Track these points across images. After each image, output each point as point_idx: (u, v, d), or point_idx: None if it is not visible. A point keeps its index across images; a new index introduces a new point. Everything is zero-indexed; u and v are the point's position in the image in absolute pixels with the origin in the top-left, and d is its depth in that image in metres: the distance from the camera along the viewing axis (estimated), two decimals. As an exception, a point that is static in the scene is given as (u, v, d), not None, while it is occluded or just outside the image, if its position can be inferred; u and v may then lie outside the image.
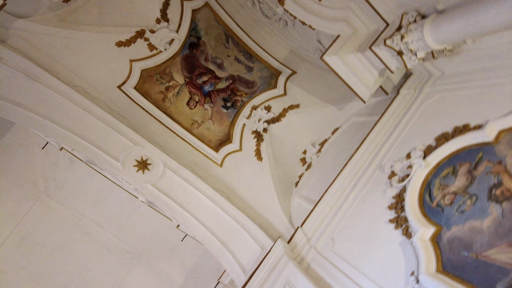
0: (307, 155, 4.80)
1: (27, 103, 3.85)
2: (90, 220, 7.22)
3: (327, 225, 3.40)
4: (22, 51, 3.82)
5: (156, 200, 4.29)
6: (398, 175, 3.09)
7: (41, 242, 7.17)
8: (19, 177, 6.77)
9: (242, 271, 3.88)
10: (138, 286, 7.57)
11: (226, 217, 4.21)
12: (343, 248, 3.16)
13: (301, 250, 3.46)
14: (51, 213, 7.10)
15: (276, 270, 3.38)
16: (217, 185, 4.39)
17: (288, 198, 4.44)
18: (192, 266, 7.39)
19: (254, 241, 3.92)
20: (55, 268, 7.29)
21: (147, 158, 4.12)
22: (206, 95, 4.62)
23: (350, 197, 3.39)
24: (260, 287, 3.44)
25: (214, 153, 4.58)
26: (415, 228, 2.59)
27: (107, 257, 7.44)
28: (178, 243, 7.17)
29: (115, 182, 5.72)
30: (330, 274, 3.05)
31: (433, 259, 2.35)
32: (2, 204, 6.81)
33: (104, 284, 7.50)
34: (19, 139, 6.54)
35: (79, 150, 4.08)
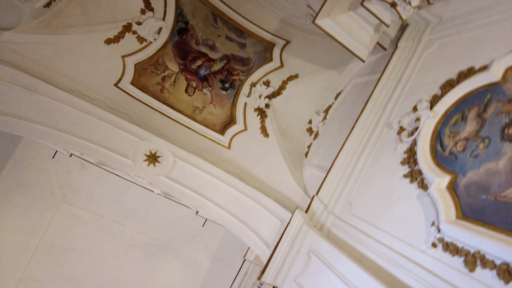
0: (313, 124, 4.77)
1: (29, 115, 3.86)
2: (111, 220, 7.40)
3: (342, 190, 3.42)
4: (14, 64, 3.80)
5: (171, 190, 4.35)
6: (406, 129, 3.06)
7: (69, 248, 7.40)
8: (36, 189, 6.91)
9: (265, 245, 3.96)
10: (167, 276, 7.81)
11: (242, 197, 4.26)
12: (361, 209, 3.18)
13: (320, 217, 3.50)
14: (73, 218, 7.28)
15: (298, 240, 3.44)
16: (228, 167, 4.42)
17: (300, 170, 4.45)
18: (216, 248, 7.57)
19: (272, 215, 3.98)
20: (86, 270, 7.55)
21: (156, 151, 4.14)
22: (203, 79, 4.57)
23: (362, 159, 3.39)
24: (285, 258, 3.51)
25: (220, 137, 4.58)
26: (430, 179, 2.58)
27: (133, 252, 7.66)
28: (200, 229, 7.32)
29: (128, 179, 5.80)
30: (352, 236, 3.09)
31: (452, 207, 2.35)
32: (26, 217, 7.00)
33: (135, 279, 7.76)
34: (29, 152, 6.62)
35: (88, 153, 4.12)
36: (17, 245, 7.09)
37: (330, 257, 3.00)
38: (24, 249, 7.16)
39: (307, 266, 3.23)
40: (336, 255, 2.94)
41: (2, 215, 6.81)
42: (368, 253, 2.89)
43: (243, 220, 4.29)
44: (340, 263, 2.86)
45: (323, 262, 3.04)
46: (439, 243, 2.32)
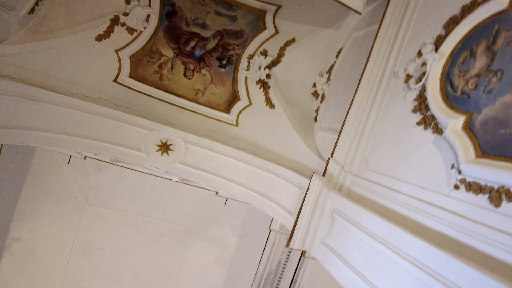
0: (318, 87, 4.69)
1: (38, 124, 3.91)
2: (135, 213, 7.60)
3: (357, 147, 3.41)
4: (12, 77, 3.81)
5: (188, 175, 4.41)
6: (414, 76, 2.98)
7: (101, 246, 7.69)
8: (59, 196, 7.10)
9: (288, 214, 4.02)
10: (199, 258, 8.08)
11: (258, 171, 4.29)
12: (378, 164, 3.18)
13: (338, 178, 3.52)
14: (99, 218, 7.51)
15: (320, 203, 3.48)
16: (240, 144, 4.43)
17: (311, 135, 4.43)
18: (241, 224, 7.75)
19: (291, 184, 4.01)
20: (121, 264, 7.87)
21: (167, 140, 4.17)
22: (200, 60, 4.50)
23: (372, 113, 3.34)
24: (309, 223, 3.57)
25: (226, 115, 4.56)
26: (444, 122, 2.54)
27: (162, 241, 7.91)
28: (222, 208, 7.47)
29: (145, 172, 5.89)
30: (372, 192, 3.10)
31: (470, 146, 2.32)
32: (55, 224, 7.25)
33: (168, 265, 8.06)
34: (45, 161, 6.76)
35: (101, 152, 4.17)
36: (53, 250, 7.40)
37: (353, 215, 3.03)
38: (60, 254, 7.47)
39: (332, 227, 3.28)
40: (359, 211, 2.97)
41: (34, 225, 7.07)
42: (391, 205, 2.92)
43: (263, 193, 4.35)
44: (365, 219, 2.89)
45: (348, 220, 3.08)
46: (461, 185, 2.31)
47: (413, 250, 2.37)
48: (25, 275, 7.30)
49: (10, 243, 7.00)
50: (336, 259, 3.10)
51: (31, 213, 6.98)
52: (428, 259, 2.21)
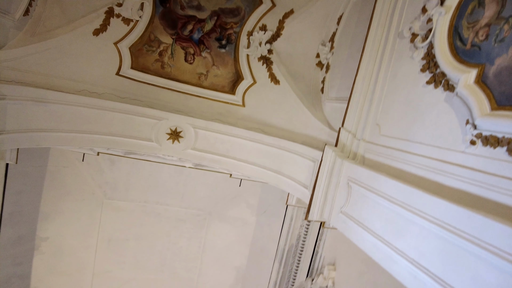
0: (321, 57, 4.60)
1: (48, 125, 3.96)
2: (154, 203, 7.76)
3: (367, 114, 3.37)
4: (17, 81, 3.83)
5: (201, 160, 4.45)
6: (419, 34, 2.89)
7: (125, 237, 7.92)
8: (78, 194, 7.28)
9: (304, 188, 4.05)
10: (220, 239, 8.27)
11: (269, 149, 4.30)
12: (390, 128, 3.14)
13: (351, 146, 3.51)
14: (119, 211, 7.70)
15: (335, 174, 3.49)
16: (248, 124, 4.43)
17: (319, 107, 4.39)
18: (258, 203, 7.86)
19: (303, 158, 4.02)
20: (146, 252, 8.11)
21: (176, 127, 4.19)
22: (199, 43, 4.44)
23: (380, 77, 3.28)
24: (326, 194, 3.60)
25: (232, 97, 4.54)
26: (455, 78, 2.48)
27: (183, 226, 8.10)
28: (237, 189, 7.56)
29: (159, 161, 5.96)
30: (387, 156, 3.09)
31: (485, 100, 2.27)
32: (78, 221, 7.47)
33: (192, 249, 8.29)
34: (60, 162, 6.89)
35: (113, 146, 4.23)
36: (80, 246, 7.66)
37: (370, 181, 3.04)
38: (87, 248, 7.74)
39: (350, 195, 3.30)
40: (375, 177, 2.97)
41: (58, 224, 7.29)
42: (407, 168, 2.90)
43: (277, 170, 4.37)
44: (381, 184, 2.89)
45: (364, 187, 3.09)
46: (478, 139, 2.28)
47: (433, 209, 2.37)
48: (57, 272, 7.61)
49: (39, 243, 7.26)
50: (356, 226, 3.13)
51: (54, 213, 7.19)
52: (449, 217, 2.21)
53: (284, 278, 7.13)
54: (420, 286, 2.42)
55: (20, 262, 7.06)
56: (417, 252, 2.48)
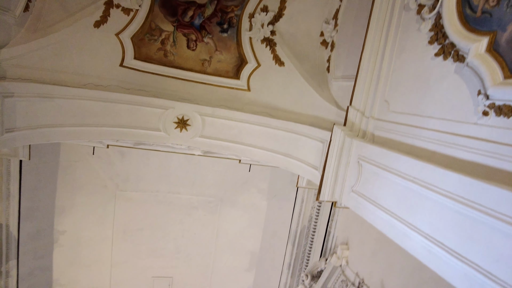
0: (325, 35, 4.50)
1: (57, 120, 3.99)
2: (166, 192, 7.86)
3: (375, 91, 3.32)
4: (24, 78, 3.85)
5: (210, 147, 4.46)
6: (426, 5, 2.81)
7: (139, 227, 8.07)
8: (91, 187, 7.40)
9: (314, 169, 4.05)
10: (233, 224, 8.38)
11: (277, 132, 4.29)
12: (399, 104, 3.10)
13: (360, 125, 3.47)
14: (132, 202, 7.83)
15: (344, 153, 3.47)
16: (255, 109, 4.40)
17: (326, 87, 4.34)
18: (268, 187, 7.90)
19: (312, 139, 4.00)
20: (161, 241, 8.27)
21: (183, 116, 4.19)
22: (200, 28, 4.38)
23: (386, 53, 3.21)
24: (336, 174, 3.59)
25: (237, 81, 4.49)
26: (466, 47, 2.42)
27: (196, 214, 8.21)
28: (247, 174, 7.60)
29: (168, 150, 6.00)
30: (397, 133, 3.06)
31: (497, 68, 2.21)
32: (93, 214, 7.62)
33: (205, 235, 8.42)
34: (71, 157, 6.98)
35: (122, 138, 4.26)
36: (97, 238, 7.84)
37: (380, 159, 3.02)
38: (104, 240, 7.92)
39: (360, 174, 3.29)
40: (386, 154, 2.95)
41: (74, 217, 7.46)
42: (417, 143, 2.87)
43: (285, 153, 4.37)
44: (392, 160, 2.87)
45: (375, 165, 3.07)
46: (490, 110, 2.23)
47: (446, 183, 2.36)
48: (77, 264, 7.83)
49: (58, 236, 7.46)
50: (368, 204, 3.13)
51: (69, 206, 7.34)
52: (463, 190, 2.20)
53: (298, 259, 7.23)
54: (435, 260, 2.43)
55: (41, 255, 7.28)
56: (431, 227, 2.47)
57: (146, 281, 8.49)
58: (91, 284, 8.12)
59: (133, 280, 8.41)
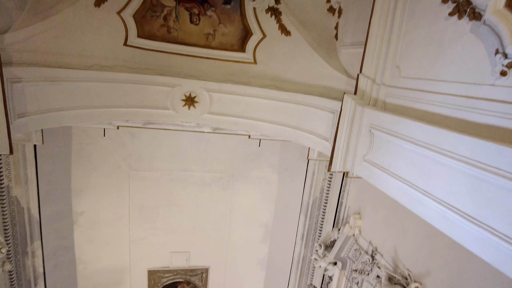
0: (332, 1, 4.31)
1: (66, 103, 4.01)
2: (178, 170, 7.96)
3: (386, 56, 3.22)
4: (29, 63, 3.84)
5: (219, 124, 4.45)
6: (440, -40, 2.65)
7: (154, 205, 8.26)
8: (105, 168, 7.54)
9: (324, 140, 4.02)
10: (246, 199, 8.51)
11: (286, 105, 4.23)
12: (411, 69, 3.01)
13: (370, 93, 3.40)
14: (146, 181, 7.97)
15: (356, 122, 3.42)
16: (262, 82, 4.33)
17: (334, 55, 4.22)
18: (279, 161, 7.93)
19: (322, 110, 3.94)
20: (177, 217, 8.48)
21: (190, 93, 4.16)
22: (202, 1, 4.25)
23: (397, 15, 3.08)
24: (348, 144, 3.56)
25: (242, 54, 4.40)
26: (483, 4, 2.29)
27: (209, 190, 8.34)
28: (257, 149, 7.62)
29: (177, 129, 6.02)
30: (409, 99, 2.99)
31: (515, 25, 2.10)
32: (109, 194, 7.81)
33: (220, 210, 8.59)
34: (83, 139, 7.08)
35: (131, 118, 4.27)
36: (114, 217, 8.08)
37: (392, 126, 2.97)
38: (121, 219, 8.15)
39: (372, 143, 3.25)
40: (398, 121, 2.90)
41: (91, 199, 7.66)
42: (431, 109, 2.81)
43: (295, 125, 4.33)
44: (405, 127, 2.82)
45: (387, 133, 3.03)
46: (509, 69, 2.14)
47: (461, 148, 2.31)
48: (97, 242, 8.12)
49: (77, 217, 7.70)
50: (381, 173, 3.12)
51: (85, 188, 7.52)
52: (479, 153, 2.16)
53: (310, 230, 7.35)
54: (449, 225, 2.43)
55: (63, 236, 7.56)
56: (445, 192, 2.46)
57: (164, 256, 8.80)
58: (112, 261, 8.46)
59: (152, 256, 8.73)
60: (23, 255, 6.38)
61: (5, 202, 5.74)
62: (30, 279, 6.68)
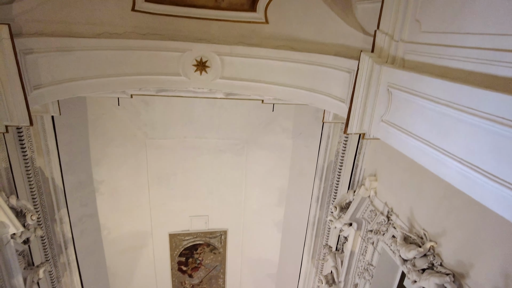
0: (347, -49, 4.05)
1: (78, 73, 4.01)
2: (193, 137, 8.04)
3: (405, 10, 3.03)
4: (39, 33, 3.80)
5: (232, 89, 4.40)
6: None
7: (172, 172, 8.46)
8: (121, 138, 7.68)
9: (340, 101, 3.92)
10: (260, 165, 8.59)
11: (300, 66, 4.11)
12: (432, 22, 2.84)
13: (389, 50, 3.25)
14: (162, 149, 8.11)
15: (373, 81, 3.31)
16: (275, 43, 4.18)
17: (350, 11, 4.00)
18: (293, 126, 7.88)
19: (338, 70, 3.82)
20: (194, 184, 8.70)
21: (201, 57, 4.08)
22: (211, -41, 4.04)
23: (419, -37, 2.86)
24: (365, 104, 3.48)
25: (253, 14, 4.21)
26: None
27: (224, 156, 8.45)
28: (271, 114, 7.56)
29: (190, 96, 5.99)
30: (430, 55, 2.85)
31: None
32: (127, 163, 8.01)
33: (235, 176, 8.74)
34: (98, 110, 7.17)
35: (144, 86, 4.26)
36: (133, 185, 8.34)
37: (411, 84, 2.86)
38: (140, 187, 8.42)
39: (390, 102, 3.16)
40: (418, 79, 2.79)
41: (110, 168, 7.89)
42: (453, 64, 2.68)
43: (310, 87, 4.23)
44: (425, 85, 2.72)
45: (406, 91, 2.93)
46: (541, 16, 1.99)
47: (484, 104, 2.22)
48: (119, 210, 8.47)
49: (98, 186, 7.99)
50: (399, 133, 3.05)
51: (104, 158, 7.72)
52: (504, 109, 2.07)
53: (325, 193, 7.43)
54: (470, 184, 2.40)
55: (86, 204, 7.90)
56: (467, 151, 2.40)
57: (184, 220, 9.15)
58: (134, 226, 8.86)
59: (172, 221, 9.08)
60: (52, 222, 6.74)
61: (31, 172, 5.97)
62: (60, 243, 7.10)
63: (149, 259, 9.42)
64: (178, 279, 9.93)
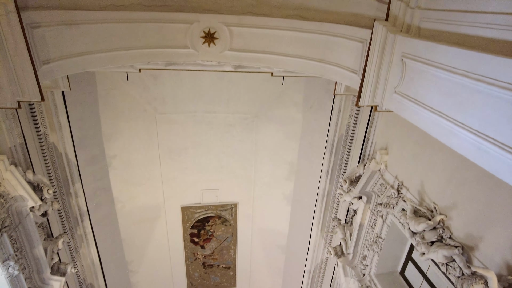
0: None
1: (86, 47, 3.97)
2: (203, 112, 8.03)
3: (423, -26, 2.87)
4: (45, 6, 3.74)
5: (241, 61, 4.31)
6: None
7: (183, 146, 8.54)
8: (131, 113, 7.72)
9: (352, 73, 3.82)
10: (270, 138, 8.58)
11: (311, 36, 3.98)
12: (452, -14, 2.68)
13: (404, 18, 3.11)
14: (172, 123, 8.15)
15: (387, 51, 3.20)
16: (284, 12, 4.03)
17: (363, -23, 3.81)
18: (303, 99, 7.76)
19: (350, 40, 3.68)
20: (205, 157, 8.78)
21: (209, 28, 3.98)
22: None
23: None
24: (378, 75, 3.38)
25: (263, -17, 4.07)
26: None
27: (234, 130, 8.45)
28: (281, 87, 7.45)
29: (198, 69, 5.91)
30: (448, 22, 2.71)
31: None
32: (138, 137, 8.10)
33: (245, 150, 8.77)
34: (107, 85, 7.16)
35: (152, 59, 4.20)
36: (145, 159, 8.47)
37: (427, 54, 2.76)
38: (152, 161, 8.55)
39: (404, 73, 3.07)
40: (434, 48, 2.68)
41: (121, 142, 7.99)
42: (472, 32, 2.55)
43: (321, 58, 4.12)
44: (441, 54, 2.61)
45: (421, 61, 2.83)
46: None
47: (504, 74, 2.13)
48: (132, 183, 8.66)
49: (110, 160, 8.14)
50: (412, 105, 2.98)
51: (115, 133, 7.81)
52: (526, 78, 1.98)
53: (335, 166, 7.42)
54: (484, 156, 2.35)
55: (100, 178, 8.09)
56: (483, 122, 2.34)
57: (195, 193, 9.33)
58: (147, 199, 9.09)
59: (184, 193, 9.27)
60: (67, 195, 6.95)
61: (45, 148, 6.10)
62: (76, 216, 7.36)
63: (162, 231, 9.72)
64: (191, 250, 10.28)
